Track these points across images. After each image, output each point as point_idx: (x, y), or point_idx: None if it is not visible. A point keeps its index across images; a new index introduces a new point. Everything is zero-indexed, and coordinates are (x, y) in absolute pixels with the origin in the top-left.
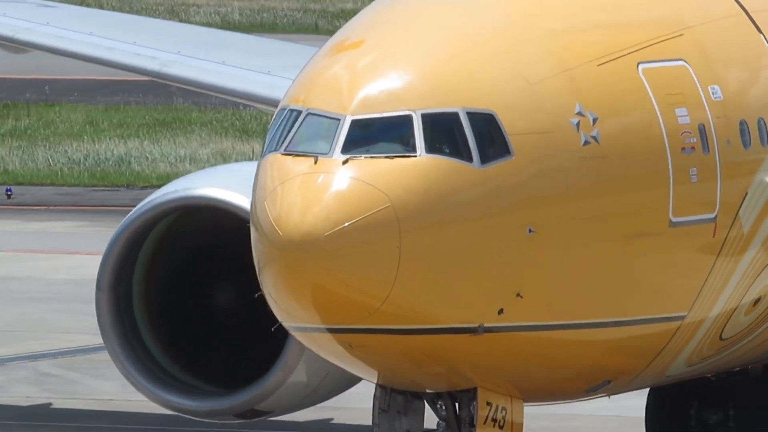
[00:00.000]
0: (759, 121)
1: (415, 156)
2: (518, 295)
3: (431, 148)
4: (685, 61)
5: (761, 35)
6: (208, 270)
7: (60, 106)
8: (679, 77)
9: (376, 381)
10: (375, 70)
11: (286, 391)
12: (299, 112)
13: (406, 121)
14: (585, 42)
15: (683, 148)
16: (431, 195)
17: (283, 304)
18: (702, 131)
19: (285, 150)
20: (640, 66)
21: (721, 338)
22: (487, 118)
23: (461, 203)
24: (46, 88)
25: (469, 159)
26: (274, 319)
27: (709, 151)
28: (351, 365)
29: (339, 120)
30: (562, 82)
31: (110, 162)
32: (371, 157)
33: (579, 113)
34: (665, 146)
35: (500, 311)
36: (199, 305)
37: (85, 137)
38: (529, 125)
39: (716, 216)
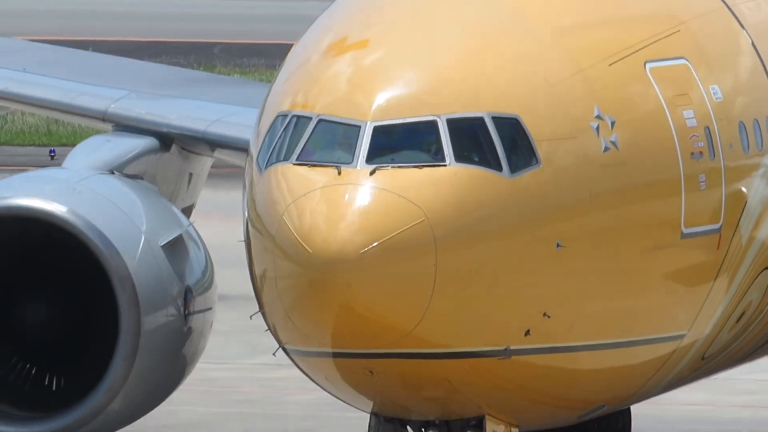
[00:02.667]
0: (754, 123)
1: (445, 165)
2: (545, 314)
3: (460, 156)
4: (686, 60)
5: (744, 30)
6: (16, 284)
7: None
8: (683, 77)
9: (370, 410)
10: (391, 72)
11: (108, 415)
12: (307, 119)
13: (431, 126)
14: (593, 39)
15: (692, 153)
16: (464, 207)
17: (304, 326)
18: (708, 134)
19: (298, 160)
20: (647, 65)
21: (702, 358)
22: (512, 123)
23: (493, 216)
24: (90, 49)
25: (499, 168)
26: (99, 338)
27: (714, 155)
28: (351, 392)
29: (359, 127)
30: (579, 83)
31: None
32: (399, 166)
33: (598, 116)
34: (677, 151)
35: (527, 332)
36: (4, 323)
37: None
38: (553, 130)
39: (721, 226)
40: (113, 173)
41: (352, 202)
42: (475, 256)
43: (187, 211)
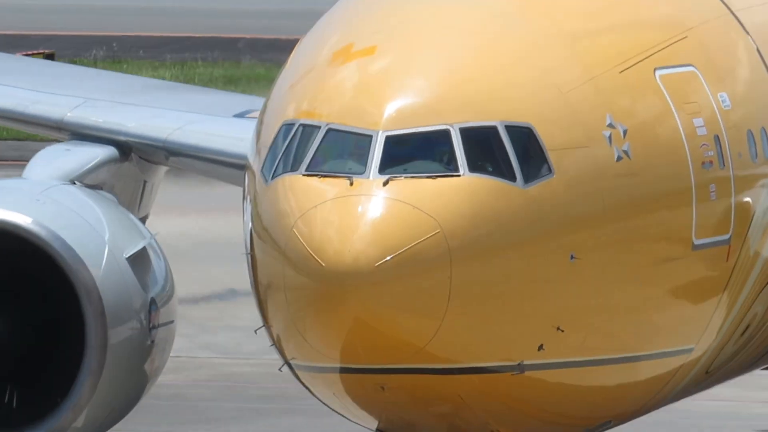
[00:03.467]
0: (762, 131)
1: (459, 175)
2: (558, 328)
3: (473, 166)
4: (695, 67)
5: (748, 36)
6: None
7: (127, 62)
8: (692, 84)
9: (375, 427)
10: (401, 80)
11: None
12: (315, 128)
13: (444, 135)
14: (602, 45)
15: (703, 163)
16: (479, 219)
17: (315, 341)
18: (717, 143)
19: (307, 170)
20: (657, 72)
21: (707, 371)
22: (525, 132)
23: (508, 227)
24: (114, 44)
25: (513, 178)
26: (62, 351)
27: (724, 165)
28: (358, 409)
29: (371, 136)
30: (591, 91)
31: None
32: (412, 176)
33: (610, 125)
34: (688, 161)
35: (540, 347)
36: None
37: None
38: (566, 139)
39: (730, 237)
40: (74, 183)
41: (366, 214)
42: (489, 269)
43: (143, 221)
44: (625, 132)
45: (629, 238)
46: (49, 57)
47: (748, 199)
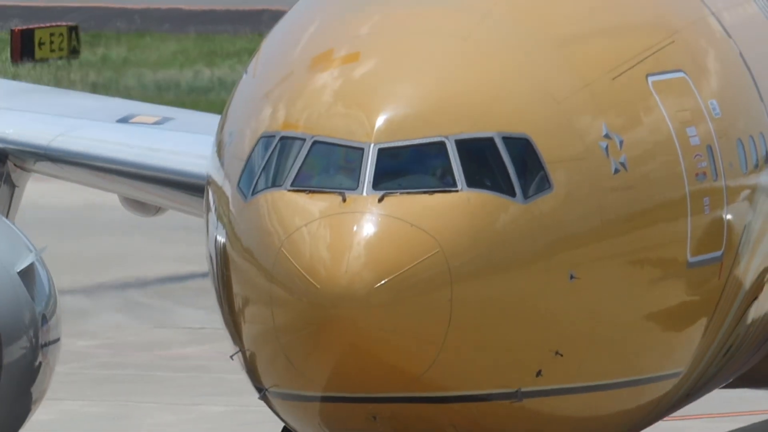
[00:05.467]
0: (749, 139)
1: (457, 191)
2: (557, 353)
3: (471, 180)
4: (684, 72)
5: (731, 39)
6: None
7: (150, 35)
8: (684, 92)
9: None
10: (391, 89)
11: None
12: (300, 140)
13: (440, 148)
14: (595, 50)
15: (697, 174)
16: (479, 237)
17: (305, 368)
18: (710, 153)
19: (293, 186)
20: (649, 79)
21: (687, 395)
22: (522, 144)
23: (507, 246)
24: (136, 17)
25: (512, 193)
26: None
27: (717, 176)
28: None
29: (362, 149)
30: (586, 99)
31: (201, 90)
32: (408, 192)
33: (606, 135)
34: (683, 172)
35: (538, 373)
36: None
37: (176, 66)
38: (563, 151)
39: (722, 254)
40: None
41: (361, 233)
42: (489, 291)
43: None
44: (621, 143)
45: (626, 257)
46: (73, 30)
47: (739, 212)
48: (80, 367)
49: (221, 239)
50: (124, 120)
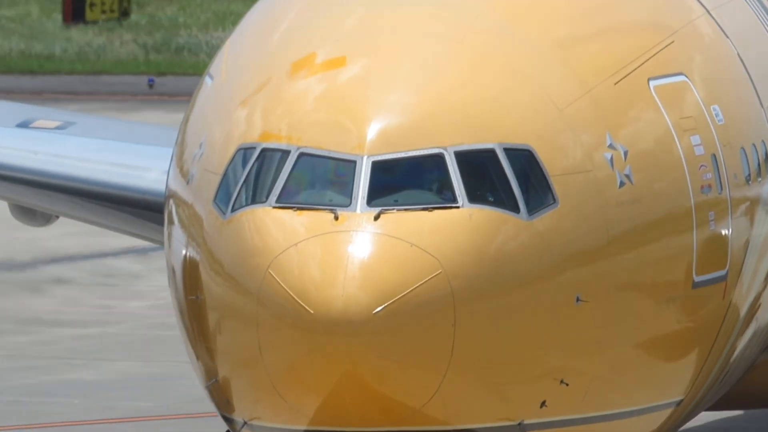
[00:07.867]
0: (752, 148)
1: (458, 206)
2: (562, 381)
3: (473, 196)
4: (685, 76)
5: (728, 39)
6: None
7: None
8: (686, 97)
9: None
10: (383, 96)
11: None
12: (284, 152)
13: (438, 161)
14: (594, 53)
15: (702, 187)
16: (483, 257)
17: (295, 400)
18: (714, 164)
19: (278, 202)
20: (651, 83)
21: (682, 420)
22: (525, 156)
23: (512, 266)
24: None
25: (516, 209)
26: None
27: (722, 188)
28: None
29: (354, 162)
30: (588, 106)
31: None
32: (406, 209)
33: (611, 146)
34: (688, 185)
35: (542, 404)
36: None
37: (227, 25)
38: (568, 163)
39: (727, 272)
40: None
41: (357, 253)
42: (494, 314)
43: None
44: (625, 154)
45: (633, 279)
46: None
47: (743, 226)
48: (133, 327)
49: (192, 258)
50: (23, 125)
